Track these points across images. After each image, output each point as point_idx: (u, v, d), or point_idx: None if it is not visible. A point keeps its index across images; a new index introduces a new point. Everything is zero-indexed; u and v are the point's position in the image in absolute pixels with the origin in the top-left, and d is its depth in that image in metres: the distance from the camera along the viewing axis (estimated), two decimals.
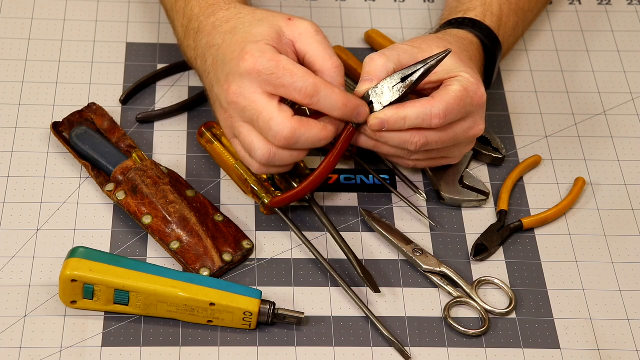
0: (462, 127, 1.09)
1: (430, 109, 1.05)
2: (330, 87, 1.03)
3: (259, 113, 1.03)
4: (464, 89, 1.07)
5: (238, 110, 1.05)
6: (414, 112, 1.06)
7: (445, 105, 1.06)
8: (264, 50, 1.03)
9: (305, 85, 1.02)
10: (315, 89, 1.02)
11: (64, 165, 1.17)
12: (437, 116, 1.05)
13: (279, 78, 1.02)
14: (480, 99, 1.09)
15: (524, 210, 1.17)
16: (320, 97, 1.03)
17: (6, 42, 1.28)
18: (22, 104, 1.22)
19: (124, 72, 1.26)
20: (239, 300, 1.04)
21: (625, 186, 1.20)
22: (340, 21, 1.33)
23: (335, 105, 1.03)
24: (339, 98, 1.03)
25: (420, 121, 1.06)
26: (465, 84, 1.07)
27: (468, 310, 1.09)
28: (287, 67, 1.02)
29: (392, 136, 1.07)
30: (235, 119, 1.06)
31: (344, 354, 1.05)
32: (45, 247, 1.10)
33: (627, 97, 1.29)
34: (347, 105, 1.04)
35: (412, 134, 1.07)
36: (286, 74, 1.02)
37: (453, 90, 1.07)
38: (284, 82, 1.02)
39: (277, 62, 1.02)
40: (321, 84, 1.02)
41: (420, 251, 1.12)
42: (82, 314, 1.05)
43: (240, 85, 1.04)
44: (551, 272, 1.12)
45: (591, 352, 1.07)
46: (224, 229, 1.12)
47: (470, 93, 1.07)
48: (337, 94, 1.03)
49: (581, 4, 1.39)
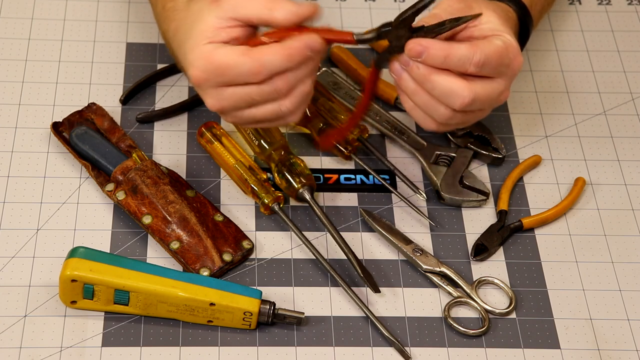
0: (499, 88, 1.06)
1: (472, 54, 1.02)
2: (267, 50, 1.00)
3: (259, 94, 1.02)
4: (505, 47, 1.04)
5: (235, 107, 1.05)
6: (459, 52, 1.02)
7: (485, 55, 1.03)
8: (202, 55, 1.02)
9: (251, 66, 1.00)
10: (259, 64, 1.00)
11: (64, 165, 1.17)
12: (476, 63, 1.02)
13: (224, 75, 1.01)
14: (518, 65, 1.06)
15: (524, 210, 1.17)
16: (268, 67, 1.00)
17: (6, 42, 1.28)
18: (22, 104, 1.22)
19: (124, 72, 1.26)
20: (239, 300, 1.04)
21: (625, 186, 1.20)
22: (341, 21, 1.33)
23: (280, 62, 1.00)
24: (277, 55, 1.00)
25: (459, 63, 1.02)
26: (508, 44, 1.05)
27: (468, 310, 1.09)
28: (225, 61, 1.01)
29: (440, 80, 1.03)
30: (237, 114, 1.05)
31: (344, 354, 1.05)
32: (45, 247, 1.10)
33: (627, 97, 1.29)
34: (291, 53, 1.00)
35: (463, 86, 1.03)
36: (227, 70, 1.01)
37: (496, 44, 1.04)
38: (230, 75, 1.01)
39: (213, 64, 1.01)
40: (258, 55, 1.00)
41: (420, 251, 1.12)
42: (82, 314, 1.05)
43: (210, 96, 1.04)
44: (551, 272, 1.12)
45: (591, 352, 1.07)
46: (224, 229, 1.12)
47: (510, 54, 1.05)
48: (273, 51, 1.00)
49: (581, 4, 1.39)
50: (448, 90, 1.03)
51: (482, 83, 1.04)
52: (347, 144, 1.18)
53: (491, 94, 1.05)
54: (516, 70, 1.07)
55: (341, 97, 1.23)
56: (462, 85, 1.03)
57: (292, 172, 1.14)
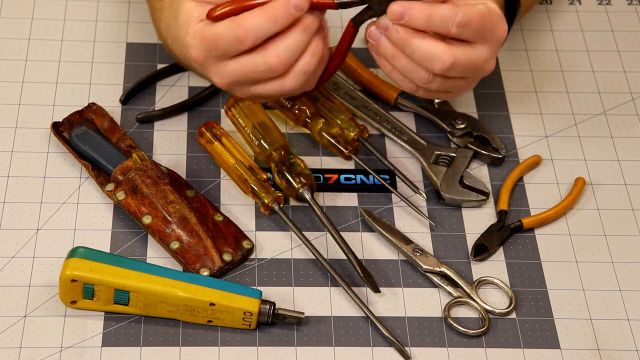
0: (483, 55, 1.06)
1: (454, 14, 1.02)
2: (249, 14, 1.01)
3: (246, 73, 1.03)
4: (488, 11, 1.04)
5: (238, 86, 1.06)
6: (441, 12, 1.02)
7: (468, 16, 1.02)
8: (194, 35, 1.03)
9: (236, 34, 1.01)
10: (242, 29, 1.00)
11: (64, 165, 1.17)
12: (459, 24, 1.02)
13: (217, 48, 1.02)
14: (501, 32, 1.06)
15: (524, 210, 1.17)
16: (252, 31, 1.00)
17: (6, 42, 1.28)
18: (22, 104, 1.22)
19: (124, 72, 1.26)
20: (239, 300, 1.04)
21: (625, 186, 1.20)
22: (341, 21, 1.33)
23: (264, 24, 1.00)
24: (260, 17, 1.00)
25: (442, 24, 1.02)
26: (491, 9, 1.05)
27: (468, 310, 1.09)
28: (210, 34, 1.02)
29: (421, 44, 1.03)
30: (245, 90, 1.07)
31: (344, 354, 1.05)
32: (45, 247, 1.10)
33: (627, 97, 1.29)
34: (275, 14, 1.00)
35: (442, 49, 1.03)
36: (216, 41, 1.02)
37: (479, 8, 1.04)
38: (221, 47, 1.02)
39: (205, 38, 1.02)
40: (241, 20, 1.00)
41: (420, 251, 1.12)
42: (82, 314, 1.05)
43: (214, 74, 1.05)
44: (551, 272, 1.12)
45: (591, 352, 1.07)
46: (224, 229, 1.12)
47: (494, 20, 1.05)
48: (256, 15, 1.00)
49: (581, 4, 1.39)
50: (428, 53, 1.03)
51: (463, 47, 1.04)
52: (347, 144, 1.18)
53: (473, 60, 1.05)
54: (500, 38, 1.06)
55: (341, 97, 1.23)
56: (442, 49, 1.03)
57: (292, 172, 1.14)
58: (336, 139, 1.18)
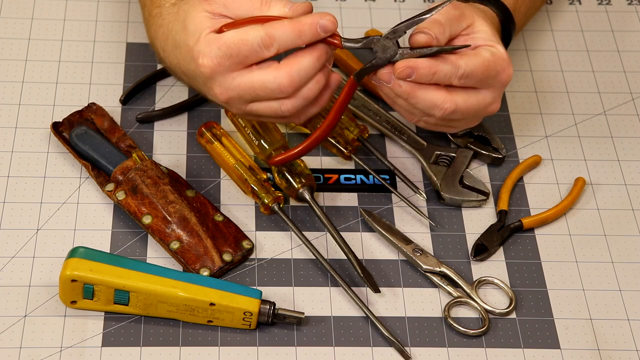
0: (485, 100, 1.08)
1: (457, 70, 1.04)
2: (278, 23, 1.01)
3: (254, 89, 1.03)
4: (494, 59, 1.06)
5: (237, 102, 1.05)
6: (444, 69, 1.04)
7: (471, 68, 1.05)
8: (209, 43, 1.03)
9: (259, 38, 1.01)
10: (269, 36, 1.01)
11: (64, 165, 1.17)
12: (461, 76, 1.04)
13: (238, 54, 1.02)
14: (506, 77, 1.08)
15: (524, 210, 1.17)
16: (278, 40, 1.01)
17: (6, 42, 1.28)
18: (22, 104, 1.22)
19: (124, 72, 1.26)
20: (239, 300, 1.04)
21: (625, 186, 1.20)
22: (341, 21, 1.33)
23: (290, 36, 1.01)
24: (288, 28, 1.01)
25: (445, 78, 1.04)
26: (498, 56, 1.07)
27: (468, 310, 1.09)
28: (234, 40, 1.02)
29: (423, 96, 1.05)
30: (242, 107, 1.06)
31: (344, 354, 1.05)
32: (45, 247, 1.10)
33: (627, 97, 1.29)
34: (302, 29, 1.01)
35: (444, 98, 1.05)
36: (240, 46, 1.01)
37: (483, 56, 1.06)
38: (244, 52, 1.02)
39: (225, 44, 1.02)
40: (270, 28, 1.01)
41: (420, 251, 1.12)
42: (82, 314, 1.05)
43: (218, 85, 1.04)
44: (551, 272, 1.12)
45: (591, 352, 1.07)
46: (224, 229, 1.12)
47: (498, 67, 1.07)
48: (284, 25, 1.01)
49: (581, 4, 1.39)
50: (430, 103, 1.06)
51: (465, 94, 1.07)
52: (347, 144, 1.18)
53: (474, 105, 1.08)
54: (505, 82, 1.09)
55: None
56: (442, 97, 1.06)
57: (292, 172, 1.14)
58: (336, 139, 1.18)
